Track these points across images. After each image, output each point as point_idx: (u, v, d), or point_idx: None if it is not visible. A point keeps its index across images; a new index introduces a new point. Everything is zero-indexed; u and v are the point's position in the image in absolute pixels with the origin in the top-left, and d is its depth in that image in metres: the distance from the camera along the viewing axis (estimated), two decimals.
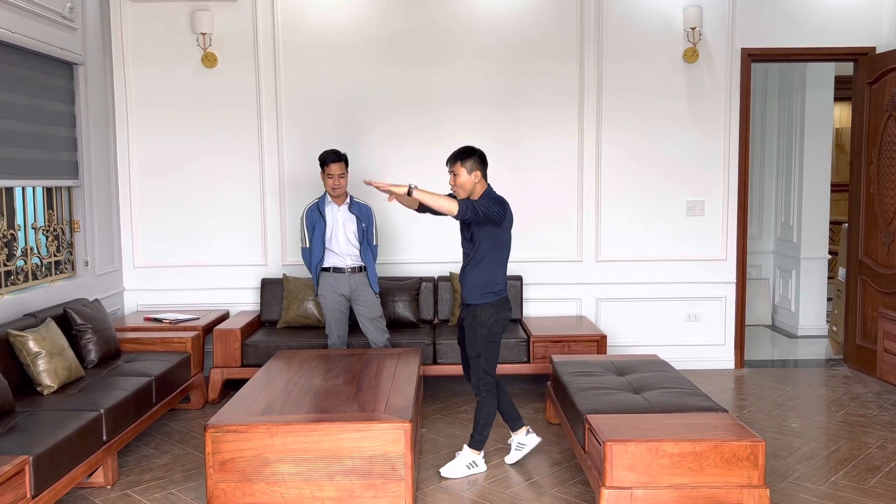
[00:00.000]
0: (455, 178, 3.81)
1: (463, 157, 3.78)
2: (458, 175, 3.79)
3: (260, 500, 3.36)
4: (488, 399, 3.92)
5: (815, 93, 6.87)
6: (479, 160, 3.80)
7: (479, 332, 3.84)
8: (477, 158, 3.80)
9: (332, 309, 4.93)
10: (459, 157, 3.79)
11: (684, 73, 5.83)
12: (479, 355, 3.86)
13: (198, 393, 5.11)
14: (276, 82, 5.77)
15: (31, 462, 3.10)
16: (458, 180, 3.80)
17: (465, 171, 3.78)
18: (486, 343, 3.85)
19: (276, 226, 5.89)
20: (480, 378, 3.89)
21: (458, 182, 3.81)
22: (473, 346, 3.88)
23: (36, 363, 3.97)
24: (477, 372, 3.89)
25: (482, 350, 3.86)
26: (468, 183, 3.79)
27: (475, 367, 3.89)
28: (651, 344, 5.91)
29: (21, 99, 4.60)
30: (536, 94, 5.82)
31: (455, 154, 3.82)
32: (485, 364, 3.87)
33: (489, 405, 3.93)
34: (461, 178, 3.79)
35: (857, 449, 4.28)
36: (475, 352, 3.87)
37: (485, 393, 3.91)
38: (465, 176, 3.78)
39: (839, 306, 6.37)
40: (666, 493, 3.17)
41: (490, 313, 3.83)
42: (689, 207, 5.93)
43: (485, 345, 3.85)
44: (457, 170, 3.80)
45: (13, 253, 4.62)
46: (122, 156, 5.81)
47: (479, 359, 3.86)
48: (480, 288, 3.84)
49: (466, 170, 3.78)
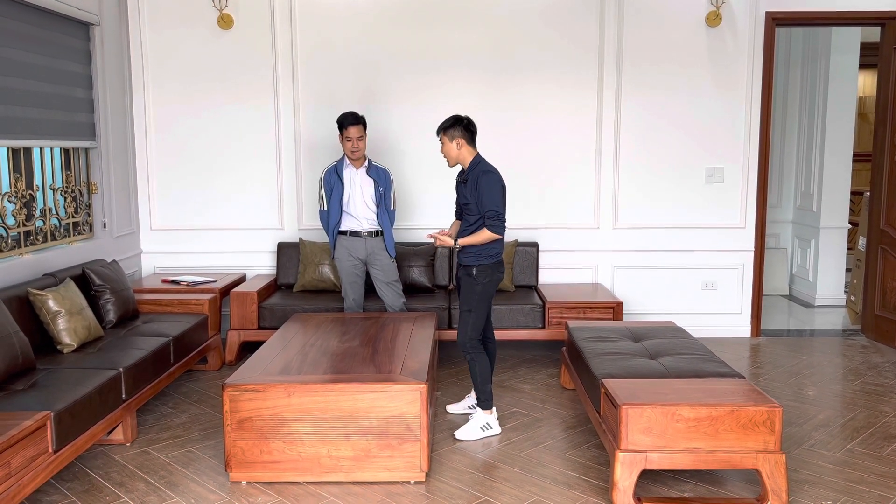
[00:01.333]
0: (442, 147, 4.06)
1: (446, 127, 4.02)
2: (444, 143, 4.03)
3: (277, 459, 3.40)
4: (477, 355, 4.04)
5: (840, 59, 6.74)
6: (462, 128, 4.00)
7: (474, 288, 4.01)
8: (460, 127, 4.00)
9: (348, 272, 4.94)
10: (444, 126, 4.03)
11: (706, 38, 5.72)
12: (471, 310, 4.01)
13: (215, 354, 5.15)
14: (292, 44, 5.73)
15: (53, 417, 3.14)
16: (444, 148, 4.04)
17: (448, 139, 4.01)
18: (478, 300, 4.00)
19: (293, 190, 5.88)
20: (467, 335, 4.02)
21: (444, 150, 4.05)
22: (466, 301, 4.03)
23: (56, 322, 4.01)
24: (465, 329, 4.02)
25: (474, 306, 4.01)
26: (452, 150, 4.01)
27: (463, 324, 4.03)
28: (667, 312, 5.89)
29: (38, 59, 4.59)
30: (555, 58, 5.74)
31: (441, 124, 4.05)
32: (473, 320, 4.01)
33: (480, 360, 4.04)
34: (446, 146, 4.03)
35: (874, 417, 4.27)
36: (467, 307, 4.02)
37: (472, 350, 4.03)
38: (448, 143, 4.01)
39: (858, 276, 6.31)
40: (681, 456, 3.17)
41: (486, 273, 3.99)
42: (708, 174, 5.86)
43: (478, 301, 4.00)
44: (442, 139, 4.04)
45: (32, 213, 4.65)
46: (139, 118, 5.80)
47: (469, 314, 4.01)
48: (479, 252, 3.99)
49: (448, 138, 4.00)
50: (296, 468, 3.41)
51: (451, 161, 4.05)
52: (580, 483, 3.47)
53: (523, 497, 3.33)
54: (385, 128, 5.74)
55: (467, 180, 4.00)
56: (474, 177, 3.96)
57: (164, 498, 3.33)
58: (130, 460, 3.71)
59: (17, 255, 4.45)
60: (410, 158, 5.77)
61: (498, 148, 5.79)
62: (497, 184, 3.94)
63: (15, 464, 2.90)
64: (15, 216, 4.46)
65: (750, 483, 3.43)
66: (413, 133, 5.74)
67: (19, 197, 4.50)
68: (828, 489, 3.40)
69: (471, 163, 4.01)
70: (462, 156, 4.02)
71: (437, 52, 5.73)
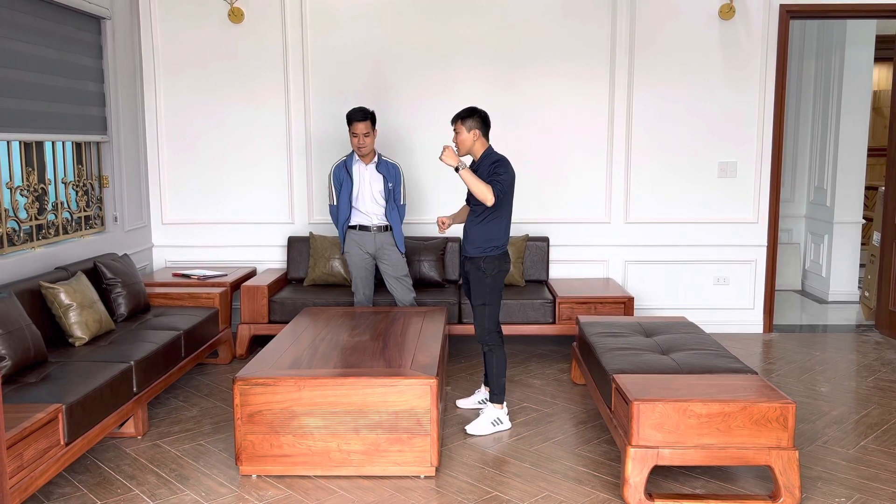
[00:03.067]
0: (457, 136, 4.04)
1: (464, 117, 4.00)
2: (459, 133, 4.01)
3: (287, 453, 3.40)
4: (496, 348, 4.04)
5: (855, 52, 6.67)
6: (479, 119, 4.00)
7: (484, 281, 4.00)
8: (478, 118, 4.00)
9: (358, 267, 4.93)
10: (461, 116, 4.01)
11: (719, 31, 5.67)
12: (485, 304, 4.00)
13: (225, 348, 5.16)
14: (302, 38, 5.72)
15: (65, 410, 3.16)
16: (459, 138, 4.03)
17: (465, 129, 3.99)
18: (490, 292, 4.00)
19: (303, 184, 5.88)
20: (486, 328, 4.01)
21: (459, 139, 4.03)
22: (479, 295, 4.01)
23: (67, 315, 4.03)
24: (482, 322, 4.02)
25: (488, 298, 4.00)
26: (468, 140, 4.00)
27: (480, 318, 4.03)
28: (678, 307, 5.85)
29: (49, 53, 4.60)
30: (566, 52, 5.70)
31: (458, 114, 4.03)
32: (490, 313, 4.01)
33: (498, 353, 4.04)
34: (461, 136, 4.01)
35: (888, 414, 4.23)
36: (481, 300, 4.01)
37: (491, 342, 4.03)
38: (464, 133, 4.00)
39: (872, 272, 6.25)
40: (693, 452, 3.15)
41: (493, 265, 4.00)
42: (721, 169, 5.82)
43: (490, 294, 4.00)
44: (458, 128, 4.01)
45: (44, 207, 4.66)
46: (150, 112, 5.81)
47: (484, 308, 4.00)
48: (484, 243, 3.98)
49: (466, 128, 3.99)
50: (306, 462, 3.41)
51: (462, 150, 4.04)
52: (591, 479, 3.45)
53: (533, 492, 3.32)
54: (395, 122, 5.73)
55: (478, 170, 3.98)
56: (488, 165, 3.94)
57: (174, 491, 3.34)
58: (141, 453, 3.73)
59: (30, 248, 4.47)
60: (421, 153, 5.75)
61: (508, 142, 5.76)
62: (505, 167, 3.94)
63: (27, 456, 2.91)
64: (27, 210, 4.48)
65: (762, 480, 3.41)
66: (423, 128, 5.73)
67: (31, 191, 4.51)
68: (841, 486, 3.37)
69: (483, 154, 4.02)
70: (475, 147, 4.02)
71: (448, 46, 5.71)
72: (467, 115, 4.00)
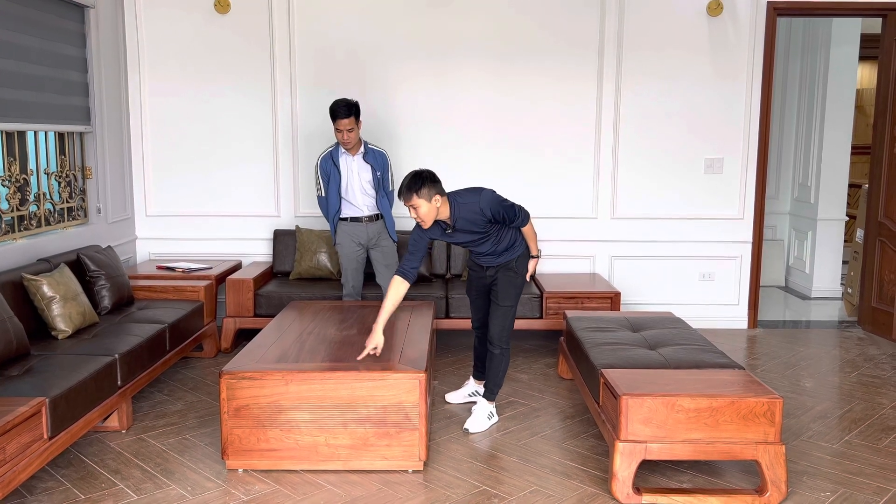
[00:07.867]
0: (416, 211, 3.55)
1: (416, 189, 3.49)
2: (419, 207, 3.53)
3: (274, 447, 3.38)
4: (508, 350, 4.00)
5: (840, 50, 6.71)
6: (430, 182, 3.52)
7: (515, 282, 3.92)
8: (429, 182, 3.51)
9: (349, 258, 4.90)
10: (412, 189, 3.50)
11: (707, 27, 5.69)
12: (512, 305, 3.94)
13: (210, 342, 5.12)
14: (289, 28, 5.66)
15: (48, 404, 3.11)
16: (420, 212, 3.54)
17: (425, 200, 3.53)
18: (517, 293, 3.95)
19: (289, 177, 5.83)
20: (505, 328, 3.95)
21: (422, 213, 3.55)
22: (509, 296, 3.92)
23: (50, 308, 3.97)
24: (504, 323, 3.94)
25: (514, 300, 3.95)
26: (432, 209, 3.55)
27: (503, 319, 3.93)
28: (664, 302, 5.88)
29: (32, 41, 4.52)
30: (555, 47, 5.69)
31: (409, 187, 3.51)
32: (514, 314, 3.97)
33: (507, 355, 4.00)
34: (422, 210, 3.53)
35: (871, 409, 4.27)
36: (509, 301, 3.93)
37: (507, 345, 3.98)
38: (425, 206, 3.53)
39: (855, 268, 6.31)
40: (681, 447, 3.16)
41: (523, 263, 3.94)
42: (707, 165, 5.84)
43: (517, 294, 3.95)
44: (415, 202, 3.52)
45: (26, 198, 4.60)
46: (134, 102, 5.73)
47: (510, 308, 3.94)
48: (513, 248, 3.90)
49: (425, 199, 3.52)
50: (293, 456, 3.39)
51: (430, 220, 3.58)
52: (579, 473, 3.45)
53: (522, 486, 3.32)
54: (382, 114, 5.69)
55: (455, 226, 3.69)
56: (469, 213, 3.64)
57: (159, 485, 3.30)
58: (126, 447, 3.69)
59: (11, 239, 4.41)
60: (407, 145, 5.72)
61: (496, 137, 5.77)
62: (492, 192, 3.69)
63: (10, 450, 2.87)
64: (9, 200, 4.41)
65: (749, 474, 3.43)
66: (410, 120, 5.70)
67: (13, 181, 4.44)
68: (826, 480, 3.40)
69: (451, 209, 3.63)
70: (442, 210, 3.60)
71: (436, 38, 5.68)
72: (419, 186, 3.48)
